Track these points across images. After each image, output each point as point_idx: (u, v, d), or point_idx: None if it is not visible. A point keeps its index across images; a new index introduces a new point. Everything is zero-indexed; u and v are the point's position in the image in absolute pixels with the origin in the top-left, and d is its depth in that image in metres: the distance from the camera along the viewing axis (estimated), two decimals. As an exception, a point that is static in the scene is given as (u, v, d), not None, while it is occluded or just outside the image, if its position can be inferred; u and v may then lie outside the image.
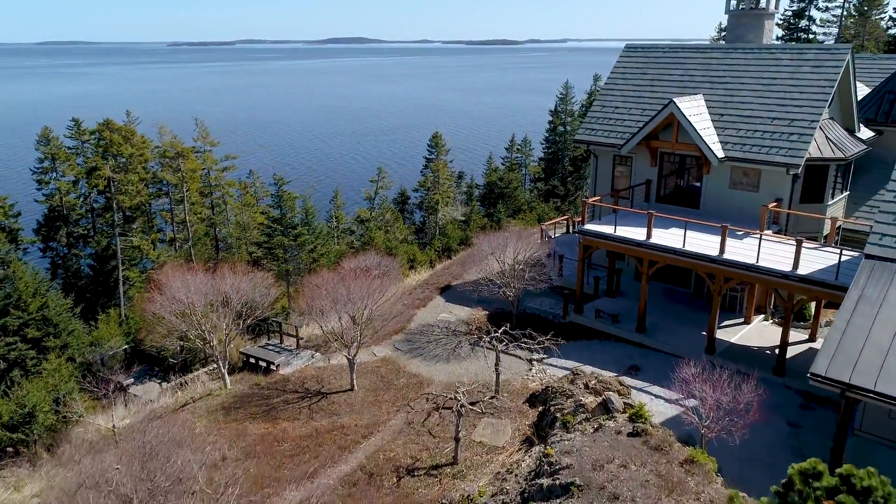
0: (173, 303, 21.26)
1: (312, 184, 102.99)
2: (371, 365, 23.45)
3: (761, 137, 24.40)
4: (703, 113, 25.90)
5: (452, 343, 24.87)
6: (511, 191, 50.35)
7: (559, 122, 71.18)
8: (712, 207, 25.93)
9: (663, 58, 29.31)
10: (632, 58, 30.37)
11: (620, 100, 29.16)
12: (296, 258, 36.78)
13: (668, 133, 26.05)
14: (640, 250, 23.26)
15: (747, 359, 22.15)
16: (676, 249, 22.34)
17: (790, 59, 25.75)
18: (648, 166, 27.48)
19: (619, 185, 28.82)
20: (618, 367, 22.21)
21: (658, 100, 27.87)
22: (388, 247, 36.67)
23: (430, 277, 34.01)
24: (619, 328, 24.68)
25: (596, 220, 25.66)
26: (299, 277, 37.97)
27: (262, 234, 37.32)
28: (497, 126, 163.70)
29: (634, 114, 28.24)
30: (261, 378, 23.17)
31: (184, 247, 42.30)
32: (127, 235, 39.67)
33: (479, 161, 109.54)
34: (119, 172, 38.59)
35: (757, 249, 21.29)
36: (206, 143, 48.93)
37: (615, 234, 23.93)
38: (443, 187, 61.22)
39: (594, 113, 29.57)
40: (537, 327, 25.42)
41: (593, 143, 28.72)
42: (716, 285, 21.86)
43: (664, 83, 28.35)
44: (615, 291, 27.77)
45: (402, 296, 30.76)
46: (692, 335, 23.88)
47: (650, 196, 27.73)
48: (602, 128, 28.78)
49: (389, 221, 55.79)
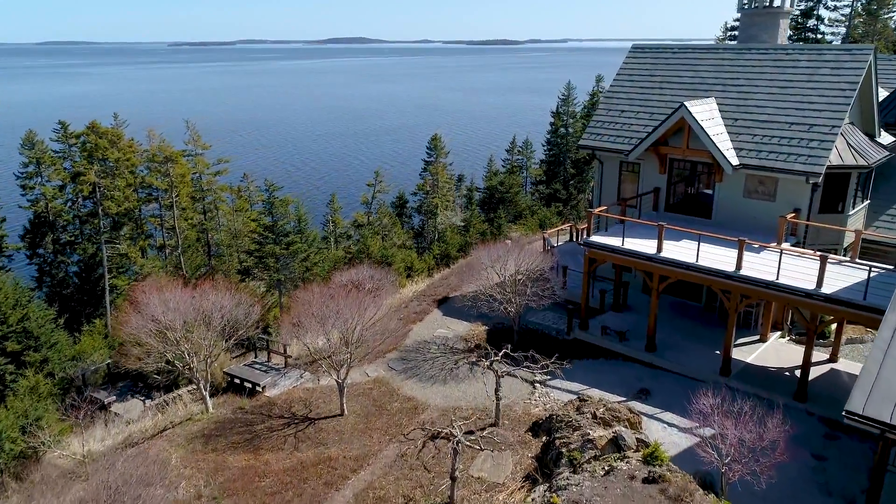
0: (150, 322, 19.82)
1: (310, 186, 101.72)
2: (363, 386, 21.99)
3: (778, 144, 22.92)
4: (715, 117, 24.43)
5: (450, 362, 23.44)
6: (512, 196, 48.93)
7: (561, 124, 69.74)
8: (725, 217, 24.47)
9: (672, 59, 27.84)
10: (639, 59, 28.91)
11: (627, 103, 27.69)
12: (288, 267, 35.34)
13: (679, 139, 24.58)
14: (651, 265, 21.79)
15: (765, 381, 20.70)
16: (689, 264, 20.87)
17: (808, 61, 24.26)
18: (657, 173, 26.02)
19: (625, 192, 27.36)
20: (627, 390, 20.74)
21: (667, 103, 26.42)
22: (383, 255, 35.26)
23: (427, 288, 32.55)
24: (627, 346, 23.21)
25: (602, 231, 24.20)
26: (292, 287, 36.55)
27: (253, 242, 35.88)
28: (498, 126, 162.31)
29: (642, 118, 26.78)
30: (245, 401, 21.72)
31: (174, 254, 40.85)
32: (114, 243, 38.24)
33: (480, 163, 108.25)
34: (105, 178, 37.16)
35: (776, 264, 19.84)
36: (198, 147, 47.55)
37: (623, 248, 22.46)
38: (442, 191, 59.84)
39: (599, 117, 28.11)
40: (540, 345, 24.02)
41: (599, 148, 27.26)
42: (732, 303, 20.39)
43: (673, 85, 26.88)
44: (622, 305, 26.31)
45: (397, 308, 29.30)
46: (705, 354, 22.41)
47: (659, 205, 26.26)
48: (608, 132, 27.33)
49: (387, 226, 54.39)
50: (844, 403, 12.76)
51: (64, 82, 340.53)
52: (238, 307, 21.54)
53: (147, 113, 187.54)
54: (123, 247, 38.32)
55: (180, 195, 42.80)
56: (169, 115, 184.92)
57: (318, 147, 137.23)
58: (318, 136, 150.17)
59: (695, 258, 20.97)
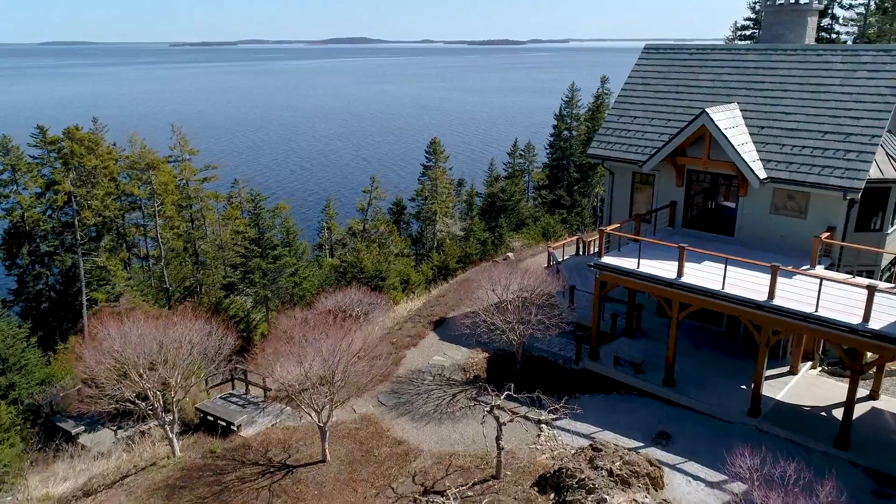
0: (107, 358, 17.59)
1: (308, 189, 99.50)
2: (349, 426, 19.74)
3: (811, 155, 20.64)
4: (739, 125, 22.15)
5: (447, 396, 21.19)
6: (514, 204, 46.64)
7: (565, 127, 67.47)
8: (749, 235, 22.20)
9: (689, 60, 25.55)
10: (652, 60, 26.62)
11: (640, 108, 25.41)
12: (276, 281, 33.10)
13: (699, 148, 22.31)
14: (670, 291, 19.52)
15: (799, 423, 18.43)
16: (714, 292, 18.59)
17: (842, 63, 21.97)
18: (674, 186, 23.74)
19: (639, 206, 25.09)
20: (644, 433, 18.48)
21: (685, 109, 24.15)
22: (377, 270, 33.04)
23: (423, 307, 30.29)
24: (643, 380, 20.93)
25: (615, 251, 21.93)
26: (280, 303, 34.31)
27: (239, 255, 33.65)
28: (500, 128, 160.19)
29: (657, 125, 24.50)
30: (217, 443, 19.47)
31: (158, 265, 38.63)
32: (91, 255, 36.01)
33: (481, 166, 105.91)
34: (81, 186, 34.94)
35: (811, 292, 17.58)
36: (185, 152, 45.36)
37: (639, 271, 20.19)
38: (441, 196, 57.53)
39: (610, 123, 25.84)
40: (545, 376, 21.81)
41: (609, 158, 24.99)
42: (763, 336, 18.11)
43: (691, 90, 24.59)
44: (635, 330, 24.04)
45: (390, 331, 27.05)
46: (730, 390, 20.13)
47: (676, 220, 23.99)
48: (619, 141, 25.06)
49: (384, 234, 52.13)
50: (894, 452, 10.47)
51: (65, 83, 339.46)
52: (210, 337, 19.28)
53: (146, 113, 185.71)
54: (102, 259, 36.09)
55: (165, 203, 40.59)
56: (168, 115, 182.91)
57: (318, 148, 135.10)
58: (317, 138, 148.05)
59: (720, 284, 18.70)
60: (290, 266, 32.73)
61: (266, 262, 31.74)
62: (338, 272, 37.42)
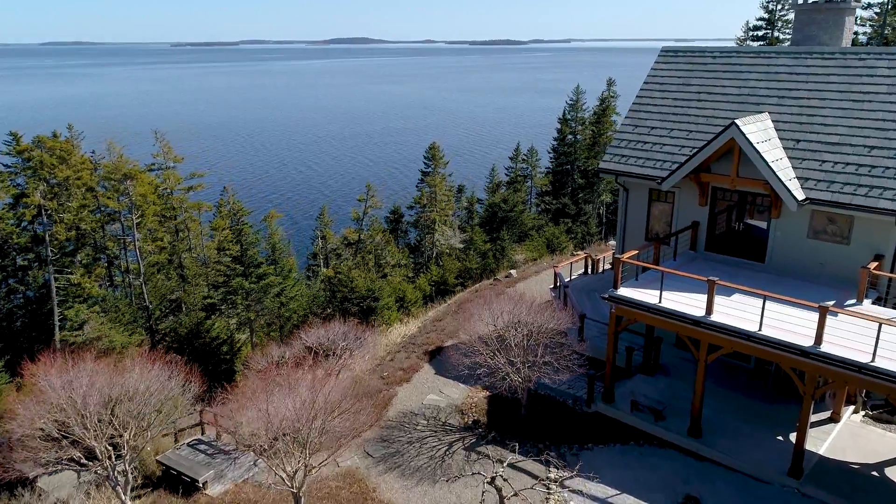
0: (49, 411, 15.20)
1: (303, 196, 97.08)
2: (329, 484, 17.29)
3: (856, 173, 18.16)
4: (772, 138, 19.67)
5: (442, 445, 18.74)
6: (516, 215, 44.15)
7: (569, 131, 64.97)
8: (783, 261, 19.73)
9: (713, 64, 23.05)
10: (670, 64, 24.13)
11: (658, 118, 22.93)
12: (261, 301, 30.65)
13: (726, 164, 19.83)
14: (699, 331, 17.04)
15: (849, 486, 15.95)
16: (750, 334, 16.10)
17: (889, 68, 19.48)
18: (696, 205, 21.27)
19: (656, 226, 22.65)
20: (668, 497, 16.01)
21: (708, 119, 21.69)
22: (369, 290, 30.63)
23: (418, 332, 27.85)
24: (665, 428, 18.46)
25: (632, 281, 19.43)
26: (265, 325, 31.88)
27: (220, 274, 31.19)
28: (502, 129, 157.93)
29: (677, 137, 22.03)
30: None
31: (138, 280, 36.20)
32: (64, 271, 33.59)
33: (482, 170, 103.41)
34: (52, 199, 32.53)
35: (869, 337, 15.11)
36: (169, 159, 42.95)
37: (661, 306, 17.71)
38: (440, 204, 55.11)
39: (623, 134, 23.36)
40: (554, 421, 19.38)
41: (623, 173, 22.50)
42: (807, 387, 15.62)
43: (715, 97, 22.11)
44: (654, 366, 21.55)
45: (381, 362, 24.61)
46: (765, 442, 17.66)
47: (698, 242, 21.52)
48: (634, 154, 22.58)
49: (380, 244, 49.73)
50: None
51: (65, 83, 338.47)
52: (171, 382, 16.84)
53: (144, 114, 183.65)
54: (77, 276, 33.67)
55: (146, 215, 38.15)
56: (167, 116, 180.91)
57: (317, 150, 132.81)
58: (317, 140, 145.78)
59: (756, 323, 16.22)
60: (276, 286, 30.29)
61: (249, 282, 29.30)
62: (329, 288, 34.95)
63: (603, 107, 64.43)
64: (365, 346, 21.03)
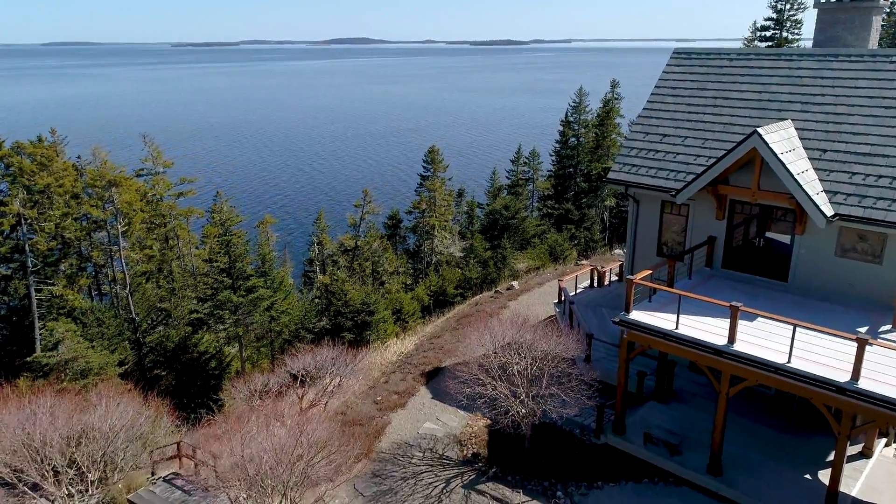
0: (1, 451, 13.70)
1: (301, 198, 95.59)
2: (315, 528, 15.78)
3: (890, 186, 16.65)
4: (796, 148, 18.16)
5: (439, 482, 17.25)
6: (518, 222, 42.62)
7: (572, 134, 63.49)
8: (808, 280, 18.21)
9: (729, 67, 21.53)
10: (683, 67, 22.61)
11: (670, 125, 21.42)
12: (251, 314, 29.15)
13: (746, 176, 18.33)
14: (720, 361, 15.53)
15: (888, 535, 14.43)
16: (779, 367, 14.59)
17: (924, 72, 17.98)
18: (713, 219, 19.76)
19: (669, 240, 21.15)
20: (688, 547, 14.51)
21: (725, 127, 20.19)
22: (364, 303, 29.14)
23: (415, 350, 26.36)
24: (682, 464, 16.94)
25: (645, 303, 17.92)
26: (255, 340, 30.39)
27: (206, 286, 29.67)
28: (503, 129, 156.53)
29: (692, 145, 20.52)
30: (149, 551, 15.56)
31: (124, 291, 34.71)
32: (46, 283, 32.13)
33: (483, 171, 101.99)
34: (32, 207, 31.07)
35: (909, 372, 13.61)
36: (158, 165, 41.48)
37: (678, 333, 16.20)
38: (440, 209, 53.64)
39: (633, 142, 21.85)
40: (560, 453, 17.90)
41: (633, 184, 20.99)
42: (843, 426, 14.12)
43: (733, 103, 20.59)
44: (668, 393, 20.03)
45: (375, 384, 23.12)
46: (791, 479, 16.14)
47: (715, 259, 20.01)
48: (645, 163, 21.08)
49: (377, 251, 48.25)
50: None
51: (67, 84, 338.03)
52: (140, 416, 15.36)
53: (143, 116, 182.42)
54: (59, 287, 32.20)
55: (133, 223, 36.67)
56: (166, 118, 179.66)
57: (316, 152, 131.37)
58: (316, 141, 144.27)
59: (784, 354, 14.72)
60: (266, 299, 28.82)
61: (238, 296, 27.81)
62: (325, 297, 33.44)
63: (606, 109, 62.94)
64: (357, 370, 19.50)
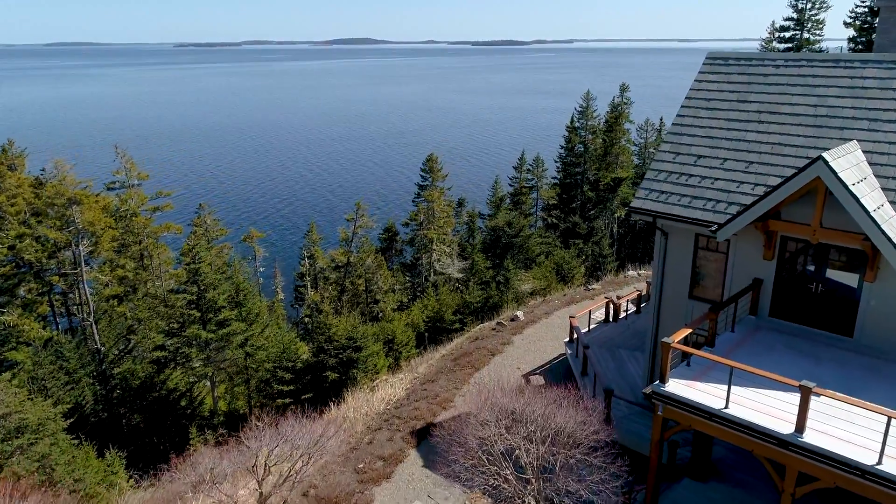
0: None
1: (297, 203, 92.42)
2: None
3: None
4: (868, 177, 14.83)
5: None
6: (522, 240, 39.27)
7: (579, 140, 60.14)
8: (879, 337, 14.89)
9: (776, 76, 18.18)
10: (720, 74, 19.26)
11: (706, 144, 18.08)
12: (223, 351, 25.88)
13: (804, 209, 15.01)
14: (785, 454, 12.21)
15: None
16: (867, 469, 11.26)
17: None
18: (760, 259, 16.43)
19: (705, 281, 17.83)
20: None
21: (773, 147, 16.86)
22: (350, 339, 25.84)
23: (406, 396, 23.06)
24: (730, 573, 13.63)
25: (682, 368, 14.59)
26: (227, 379, 27.09)
27: (172, 320, 26.40)
28: (505, 130, 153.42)
29: (733, 169, 17.19)
30: None
31: (87, 322, 31.48)
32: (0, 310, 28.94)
33: (485, 176, 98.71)
34: (-19, 228, 27.89)
35: None
36: (132, 177, 38.27)
37: (728, 414, 12.87)
38: (438, 221, 50.39)
39: (661, 164, 18.51)
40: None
41: (663, 215, 17.65)
42: (955, 552, 10.79)
43: (783, 119, 17.26)
44: (706, 468, 16.68)
45: (357, 445, 19.83)
46: None
47: (760, 306, 16.69)
48: (676, 190, 17.75)
49: (371, 268, 44.98)
50: None
51: (69, 84, 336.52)
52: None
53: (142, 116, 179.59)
54: (13, 316, 28.98)
55: (101, 242, 33.43)
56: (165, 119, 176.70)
57: (316, 155, 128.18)
58: (315, 143, 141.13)
59: (873, 452, 11.40)
60: (240, 333, 25.54)
61: (207, 332, 24.54)
62: (307, 329, 30.11)
63: (615, 114, 59.59)
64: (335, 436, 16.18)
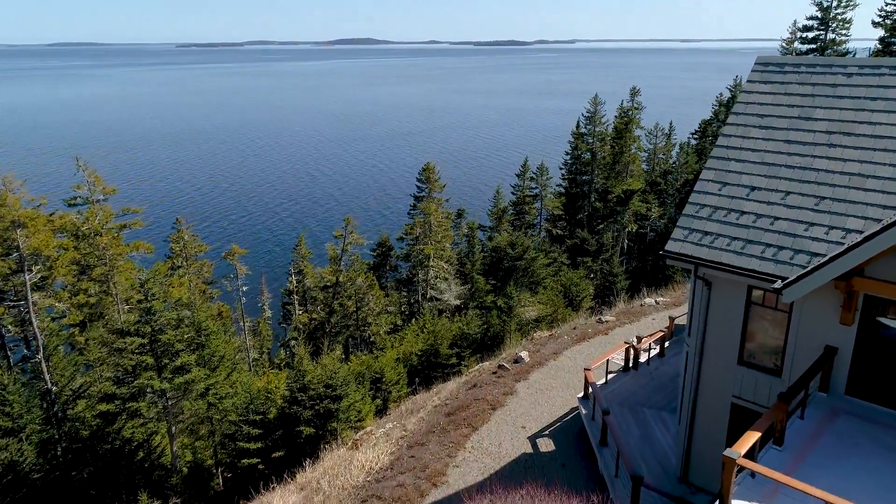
0: None
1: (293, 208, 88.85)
2: None
3: None
4: None
5: None
6: (526, 263, 35.54)
7: (586, 148, 56.47)
8: None
9: (847, 86, 14.43)
10: (773, 84, 15.51)
11: (762, 172, 14.36)
12: (179, 403, 22.24)
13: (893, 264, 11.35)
14: None
15: None
16: None
17: None
18: (835, 322, 12.74)
19: (757, 347, 14.14)
20: None
21: (851, 179, 13.17)
22: (330, 385, 22.15)
23: (390, 465, 19.39)
24: None
25: (747, 484, 10.91)
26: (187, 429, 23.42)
27: (120, 367, 22.73)
28: (509, 133, 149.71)
29: (798, 206, 13.48)
30: None
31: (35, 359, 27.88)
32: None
33: (486, 180, 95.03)
34: None
35: None
36: (97, 192, 34.69)
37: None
38: (435, 235, 46.72)
39: (704, 196, 14.75)
40: None
41: (707, 262, 13.93)
42: None
43: (861, 143, 13.55)
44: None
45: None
46: None
47: (835, 382, 12.99)
48: (724, 231, 14.04)
49: (361, 288, 41.38)
50: None
51: (70, 84, 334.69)
52: None
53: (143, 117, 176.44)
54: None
55: (55, 267, 29.85)
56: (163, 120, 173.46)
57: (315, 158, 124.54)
58: (314, 147, 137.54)
59: None
60: (201, 381, 21.85)
61: (161, 382, 20.90)
62: (293, 354, 26.40)
63: (625, 120, 55.93)
64: None
